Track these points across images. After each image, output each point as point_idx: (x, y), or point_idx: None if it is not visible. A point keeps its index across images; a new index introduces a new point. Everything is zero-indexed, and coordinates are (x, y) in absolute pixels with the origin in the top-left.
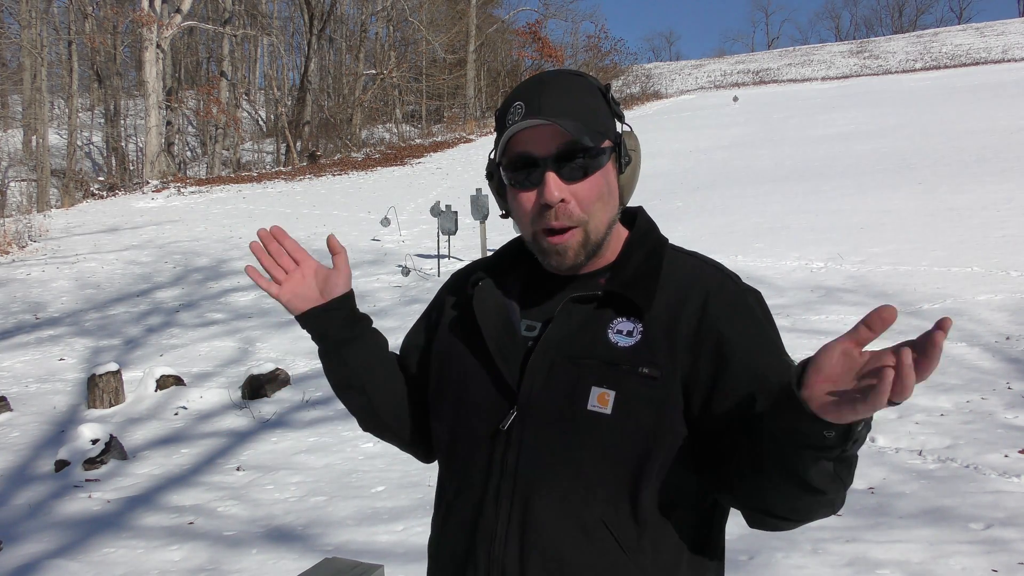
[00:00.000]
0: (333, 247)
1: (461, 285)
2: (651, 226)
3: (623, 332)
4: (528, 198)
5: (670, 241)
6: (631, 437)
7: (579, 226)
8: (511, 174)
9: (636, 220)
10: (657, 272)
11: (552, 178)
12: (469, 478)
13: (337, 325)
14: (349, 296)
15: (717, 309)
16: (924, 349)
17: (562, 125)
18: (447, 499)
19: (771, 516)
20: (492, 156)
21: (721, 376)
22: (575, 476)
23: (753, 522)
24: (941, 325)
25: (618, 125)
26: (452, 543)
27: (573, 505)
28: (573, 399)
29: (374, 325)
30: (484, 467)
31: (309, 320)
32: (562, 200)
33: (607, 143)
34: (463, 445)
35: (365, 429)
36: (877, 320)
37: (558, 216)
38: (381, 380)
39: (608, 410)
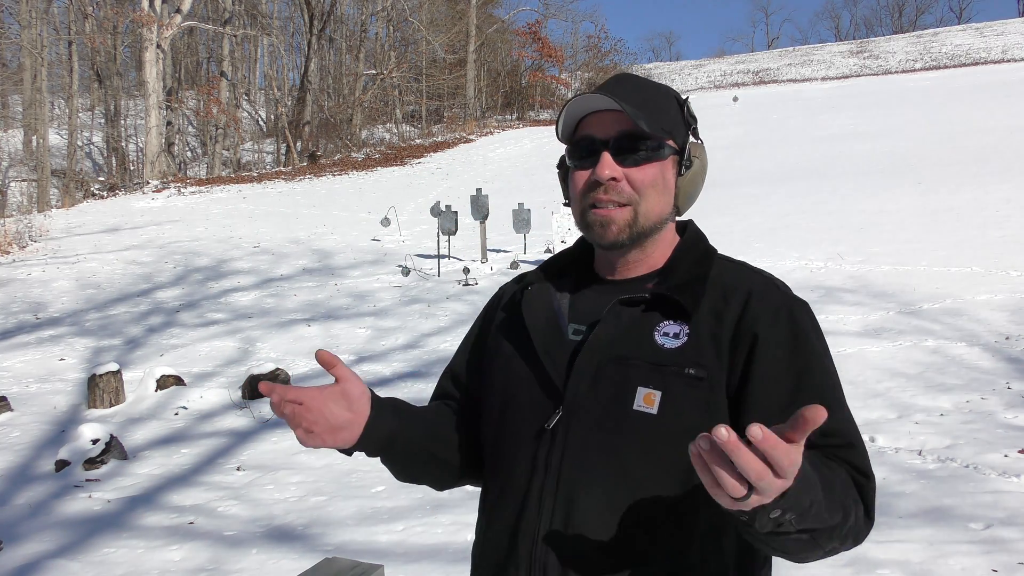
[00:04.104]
0: (327, 361)
1: (511, 292)
2: (701, 236)
3: (669, 334)
4: (583, 176)
5: (718, 252)
6: (678, 438)
7: (630, 204)
8: (575, 157)
9: (687, 230)
10: (705, 277)
11: (607, 157)
12: (512, 478)
13: (388, 426)
14: (371, 394)
15: (756, 311)
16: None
17: (623, 106)
18: (491, 500)
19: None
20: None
21: (750, 379)
22: (621, 476)
23: None
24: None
25: (689, 136)
26: (495, 543)
27: (618, 505)
28: (619, 399)
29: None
30: (528, 466)
31: (367, 445)
32: (613, 178)
33: (670, 141)
34: (507, 445)
35: (442, 488)
36: (803, 421)
37: (607, 191)
38: (439, 437)
39: (654, 410)
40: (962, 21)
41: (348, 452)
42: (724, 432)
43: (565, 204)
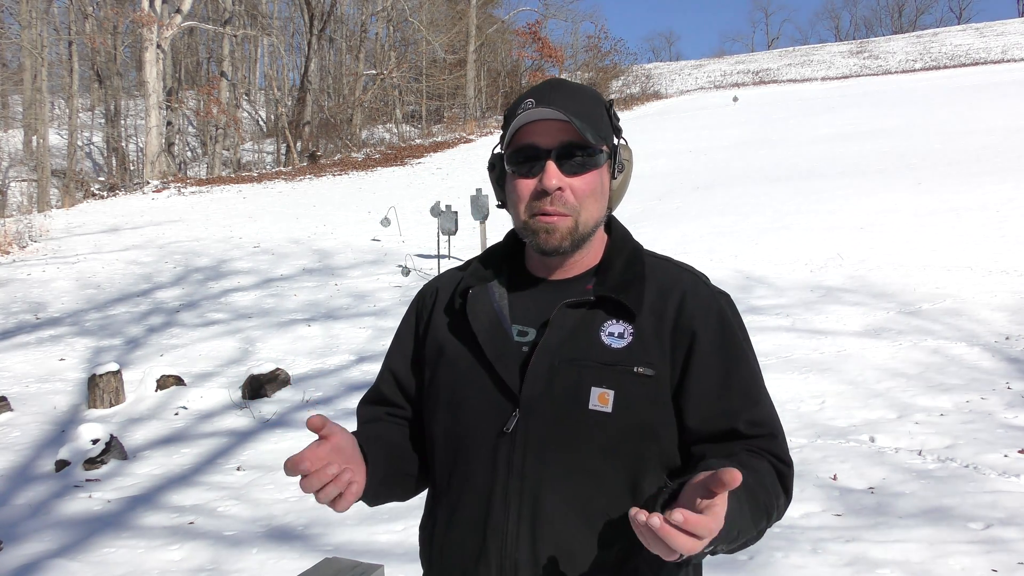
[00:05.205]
0: (317, 425)
1: (445, 294)
2: (626, 232)
3: (614, 334)
4: (527, 184)
5: (644, 245)
6: (631, 433)
7: (571, 215)
8: (514, 163)
9: (612, 226)
10: (642, 276)
11: (552, 167)
12: (472, 479)
13: (382, 466)
14: (356, 439)
15: (691, 309)
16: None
17: (570, 119)
18: (449, 501)
19: None
20: (495, 149)
21: (688, 373)
22: (582, 472)
23: None
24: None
25: (615, 138)
26: (459, 542)
27: (580, 500)
28: (575, 399)
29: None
30: (489, 468)
31: (368, 489)
32: (559, 188)
33: (605, 148)
34: (463, 447)
35: (406, 499)
36: (719, 484)
37: (553, 202)
38: (407, 455)
39: (609, 408)
40: (962, 21)
41: (369, 496)
42: (656, 521)
43: (499, 206)
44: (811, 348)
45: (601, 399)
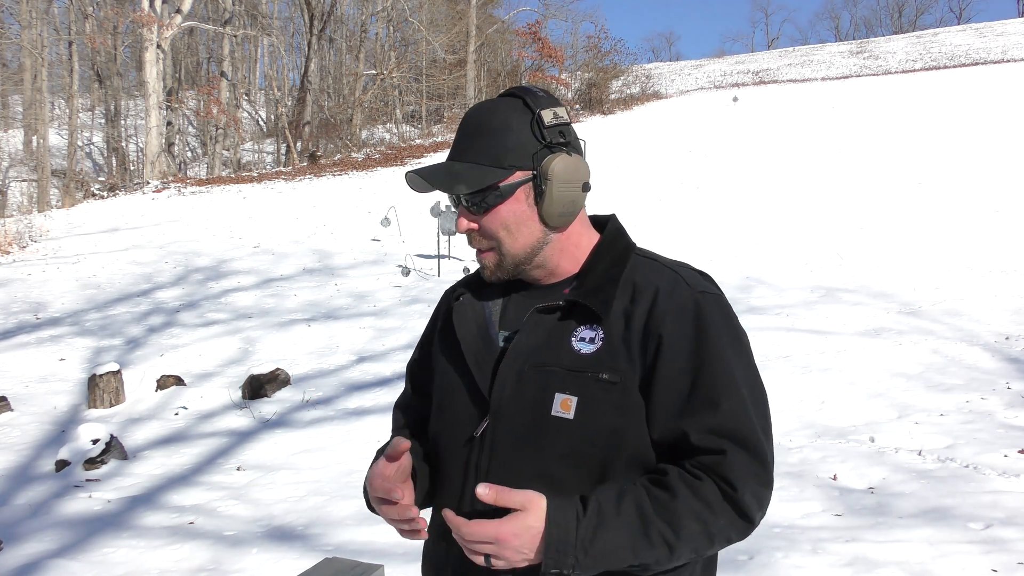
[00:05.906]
0: (402, 452)
1: (448, 299)
2: (619, 234)
3: (585, 339)
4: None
5: (640, 246)
6: (594, 441)
7: (492, 248)
8: (452, 202)
9: (607, 228)
10: (616, 279)
11: (462, 212)
12: (447, 482)
13: (422, 478)
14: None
15: (662, 310)
16: None
17: (434, 184)
18: (435, 504)
19: None
20: None
21: (653, 380)
22: (542, 479)
23: None
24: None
25: (550, 150)
26: (432, 547)
27: None
28: (539, 405)
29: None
30: (460, 472)
31: (419, 501)
32: (471, 228)
33: (515, 176)
34: (442, 450)
35: None
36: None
37: (473, 240)
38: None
39: (571, 415)
40: (962, 21)
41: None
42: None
43: None
44: (811, 348)
45: (563, 405)
